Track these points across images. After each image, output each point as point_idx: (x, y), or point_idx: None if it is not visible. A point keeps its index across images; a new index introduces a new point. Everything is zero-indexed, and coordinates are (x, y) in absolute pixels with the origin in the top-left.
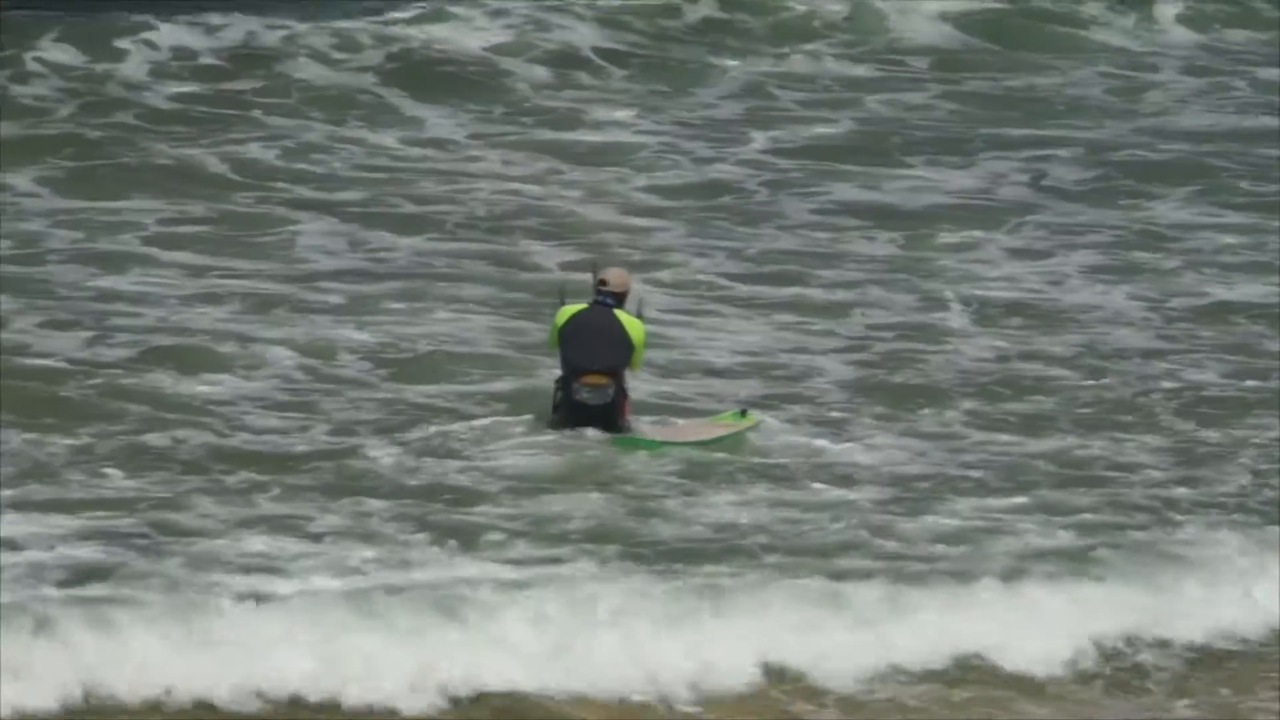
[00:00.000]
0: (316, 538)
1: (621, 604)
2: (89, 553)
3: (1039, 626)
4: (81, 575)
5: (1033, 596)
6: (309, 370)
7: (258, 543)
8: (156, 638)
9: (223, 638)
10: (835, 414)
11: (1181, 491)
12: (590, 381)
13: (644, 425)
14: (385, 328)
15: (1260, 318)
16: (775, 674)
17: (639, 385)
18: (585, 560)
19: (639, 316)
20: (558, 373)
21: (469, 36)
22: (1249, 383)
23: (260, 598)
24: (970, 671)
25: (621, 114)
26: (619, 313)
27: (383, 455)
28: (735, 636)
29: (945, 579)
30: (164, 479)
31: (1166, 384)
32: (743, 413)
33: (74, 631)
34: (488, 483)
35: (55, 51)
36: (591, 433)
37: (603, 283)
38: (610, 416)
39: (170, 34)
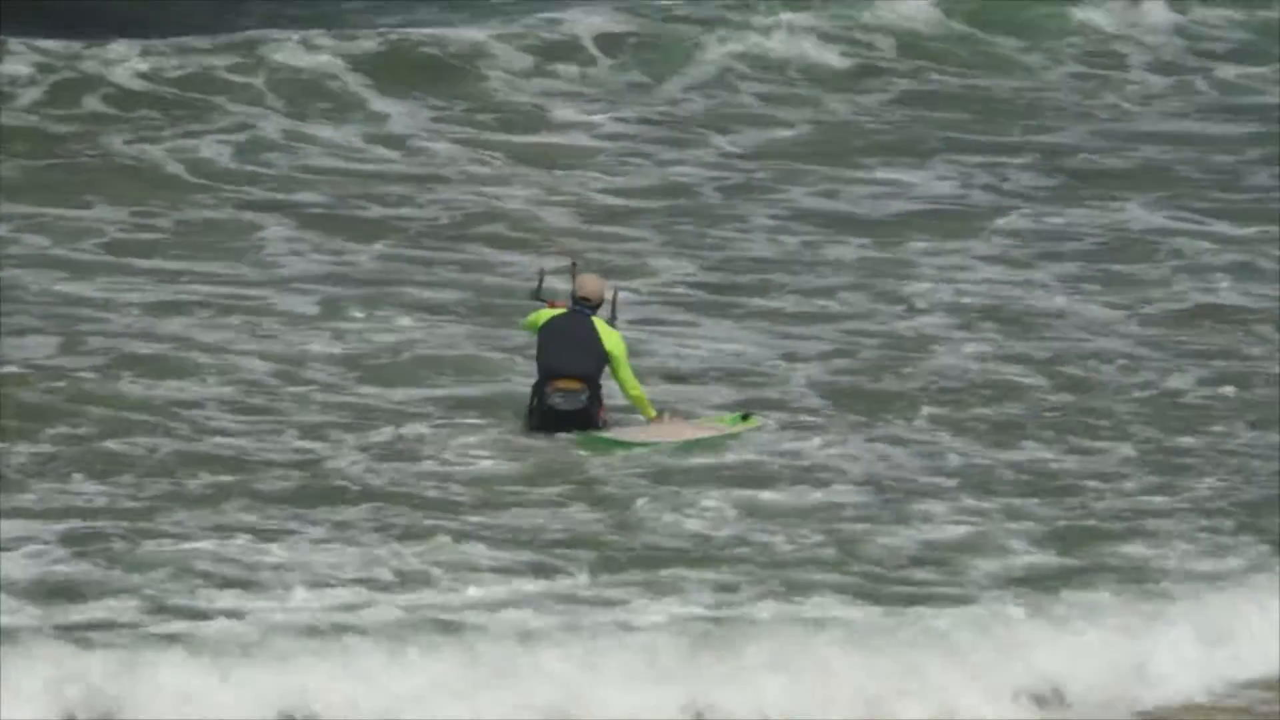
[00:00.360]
0: (295, 548)
1: (606, 624)
2: (62, 565)
3: (1009, 652)
4: (55, 587)
5: (1006, 620)
6: (280, 375)
7: (235, 553)
8: (145, 653)
9: (208, 654)
10: (810, 420)
11: (1159, 501)
12: (563, 386)
13: (624, 428)
14: (354, 332)
15: (1237, 323)
16: (759, 699)
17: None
18: (566, 575)
19: (613, 319)
20: (534, 379)
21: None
22: (1225, 389)
23: (240, 613)
24: (936, 700)
25: (595, 111)
26: (597, 321)
27: (357, 462)
28: (722, 661)
29: (920, 601)
30: (136, 486)
31: (1145, 391)
32: (744, 416)
33: (51, 644)
34: (464, 491)
35: (35, 34)
36: (566, 436)
37: (584, 299)
38: (584, 422)
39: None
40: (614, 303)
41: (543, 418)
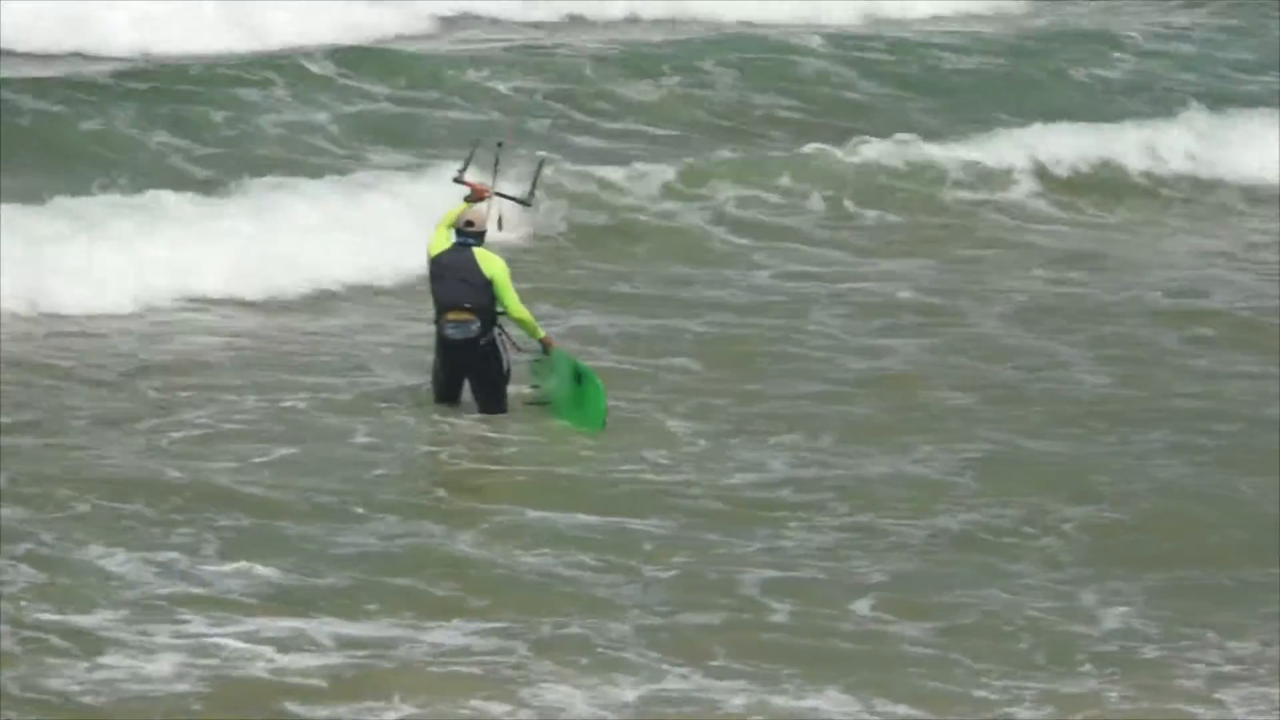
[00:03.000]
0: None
1: (441, 668)
2: None
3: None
4: None
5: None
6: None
7: (61, 564)
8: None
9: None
10: (677, 425)
11: (1036, 516)
12: (454, 317)
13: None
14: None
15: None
16: None
17: None
18: (392, 615)
19: (532, 193)
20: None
21: None
22: (1121, 391)
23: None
24: None
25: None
26: (477, 251)
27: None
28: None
29: (779, 643)
30: None
31: (1032, 389)
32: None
33: None
34: (299, 503)
35: None
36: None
37: (468, 224)
38: (478, 353)
39: None
40: (535, 176)
41: (439, 348)
